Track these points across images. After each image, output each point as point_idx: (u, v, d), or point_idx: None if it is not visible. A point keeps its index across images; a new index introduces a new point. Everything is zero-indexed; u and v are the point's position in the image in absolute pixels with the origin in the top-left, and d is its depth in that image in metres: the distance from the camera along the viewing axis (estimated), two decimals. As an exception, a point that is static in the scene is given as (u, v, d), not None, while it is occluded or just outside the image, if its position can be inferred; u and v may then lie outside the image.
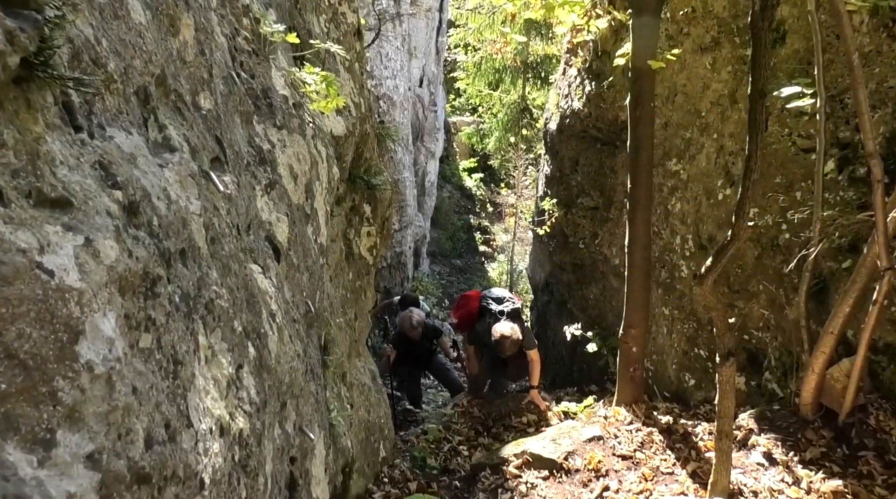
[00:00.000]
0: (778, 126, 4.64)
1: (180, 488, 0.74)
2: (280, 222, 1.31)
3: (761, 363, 5.02)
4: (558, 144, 7.39)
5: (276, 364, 1.07)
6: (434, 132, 15.43)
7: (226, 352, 0.92)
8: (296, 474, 1.12)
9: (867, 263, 3.68)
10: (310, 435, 1.19)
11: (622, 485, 4.33)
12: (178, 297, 0.85)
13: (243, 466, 0.89)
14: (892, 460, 3.81)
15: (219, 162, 1.11)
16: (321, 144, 1.76)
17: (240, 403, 0.93)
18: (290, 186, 1.42)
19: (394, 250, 11.05)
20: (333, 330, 2.96)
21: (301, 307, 1.33)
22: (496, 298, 6.26)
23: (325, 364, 1.71)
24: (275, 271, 1.21)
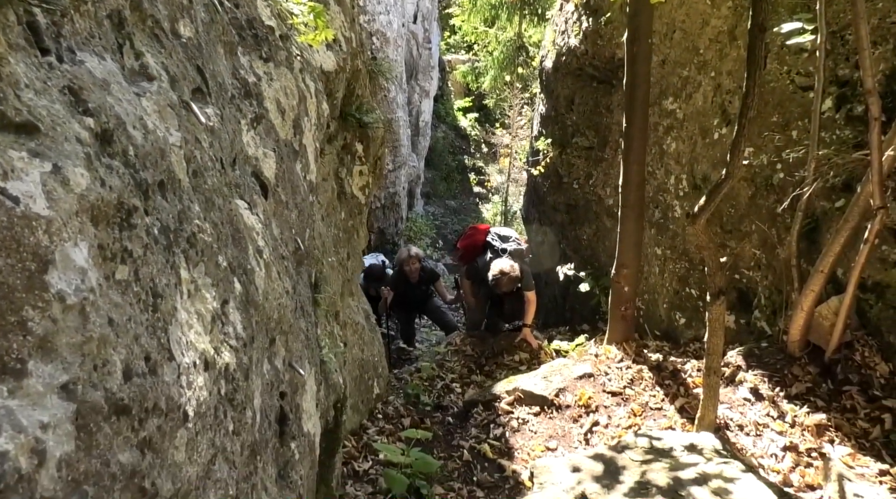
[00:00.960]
0: (777, 63, 4.55)
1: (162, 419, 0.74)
2: (267, 158, 1.28)
3: (751, 302, 5.07)
4: (554, 83, 7.26)
5: (263, 300, 1.06)
6: (428, 70, 15.11)
7: (210, 287, 0.91)
8: (286, 408, 1.13)
9: (860, 203, 3.68)
10: (300, 371, 1.20)
11: (611, 420, 4.44)
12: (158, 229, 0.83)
13: (230, 399, 0.90)
14: (875, 394, 3.90)
15: (200, 93, 1.08)
16: (310, 78, 1.71)
17: (226, 338, 0.93)
18: (278, 120, 1.38)
19: (387, 191, 10.99)
20: (326, 269, 2.96)
21: (290, 244, 1.32)
22: (502, 236, 6.31)
23: (316, 302, 1.72)
24: (262, 208, 1.19)
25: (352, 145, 3.44)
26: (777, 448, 3.88)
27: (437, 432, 4.57)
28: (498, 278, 5.72)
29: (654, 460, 3.65)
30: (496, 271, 5.72)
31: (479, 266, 6.11)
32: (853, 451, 3.67)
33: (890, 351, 3.91)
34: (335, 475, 2.08)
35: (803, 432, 3.92)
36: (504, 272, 5.71)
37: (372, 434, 4.14)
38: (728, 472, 3.41)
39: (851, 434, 3.79)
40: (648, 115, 4.77)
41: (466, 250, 6.58)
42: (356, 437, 4.07)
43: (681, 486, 3.29)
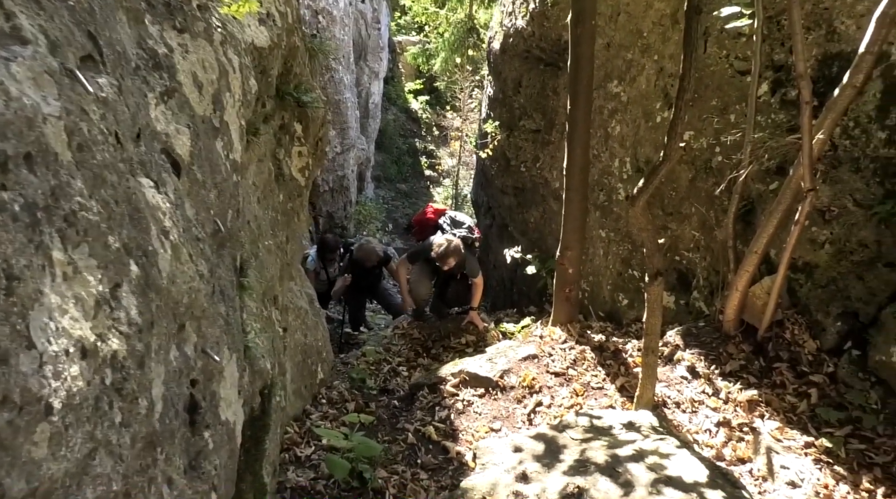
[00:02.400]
0: (716, 48, 4.63)
1: (15, 413, 0.68)
2: (180, 134, 1.21)
3: (690, 283, 5.20)
4: (501, 65, 7.24)
5: (168, 284, 1.01)
6: (378, 51, 14.90)
7: (95, 269, 0.85)
8: (197, 396, 1.09)
9: (792, 185, 3.79)
10: (214, 357, 1.15)
11: (554, 400, 4.50)
12: (19, 206, 0.76)
13: (118, 389, 0.84)
14: (803, 370, 4.05)
15: (92, 61, 1.00)
16: (233, 52, 1.64)
17: (115, 323, 0.87)
18: (194, 95, 1.31)
19: (336, 174, 10.83)
20: (262, 252, 2.89)
21: (208, 226, 1.26)
22: (456, 222, 6.28)
23: (242, 286, 1.66)
24: (173, 186, 1.13)
25: (290, 125, 3.35)
26: (711, 424, 4.00)
27: (382, 415, 4.55)
28: (442, 253, 5.62)
29: (594, 438, 3.71)
30: (439, 242, 5.66)
31: (423, 247, 6.03)
32: (781, 425, 3.81)
33: (818, 329, 4.06)
34: (267, 463, 2.04)
35: (736, 408, 4.04)
36: (449, 242, 5.65)
37: (315, 419, 4.09)
38: (664, 448, 3.49)
39: (780, 409, 3.93)
40: (592, 97, 4.80)
41: (419, 227, 6.62)
42: (299, 422, 4.02)
43: (618, 463, 3.36)
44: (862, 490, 3.36)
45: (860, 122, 3.72)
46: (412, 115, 23.11)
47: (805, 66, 3.24)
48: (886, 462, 3.47)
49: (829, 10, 3.93)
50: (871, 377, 3.74)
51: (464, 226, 6.29)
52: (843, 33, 3.86)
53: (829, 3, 3.92)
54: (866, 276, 3.78)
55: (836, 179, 3.86)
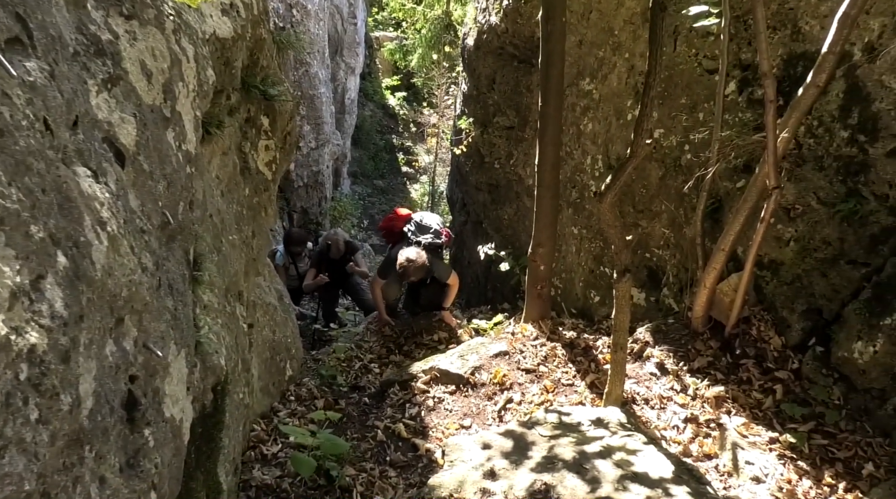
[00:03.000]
0: (686, 46, 4.67)
1: None
2: (125, 123, 1.17)
3: (660, 280, 5.23)
4: (475, 61, 7.22)
5: (104, 276, 0.97)
6: (354, 47, 14.81)
7: (13, 260, 0.81)
8: (137, 392, 1.05)
9: (758, 183, 3.82)
10: (157, 352, 1.12)
11: (524, 397, 4.50)
12: None
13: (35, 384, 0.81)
14: (768, 366, 4.10)
15: (20, 44, 0.96)
16: (188, 41, 1.60)
17: (34, 316, 0.83)
18: (141, 84, 1.27)
19: (310, 169, 10.74)
20: (226, 246, 2.85)
21: (155, 218, 1.22)
22: (422, 226, 6.08)
23: (196, 280, 1.62)
24: (114, 176, 1.09)
25: (256, 119, 3.30)
26: (679, 420, 4.03)
27: (352, 412, 4.52)
28: (405, 267, 5.61)
29: (563, 434, 3.72)
30: (402, 260, 5.63)
31: (391, 260, 5.94)
32: (747, 421, 3.85)
33: (783, 325, 4.11)
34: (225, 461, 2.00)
35: (703, 405, 4.08)
36: (410, 259, 5.60)
37: (283, 417, 4.05)
38: (631, 444, 3.51)
39: (746, 405, 3.98)
40: (563, 94, 4.80)
41: (386, 232, 6.46)
42: (266, 420, 3.97)
43: (586, 459, 3.37)
44: (824, 485, 3.42)
45: (824, 122, 3.77)
46: (389, 111, 23.03)
47: (769, 66, 3.27)
48: (848, 457, 3.52)
49: (794, 10, 3.97)
50: (834, 373, 3.80)
51: (430, 231, 6.12)
52: (807, 33, 3.91)
53: (794, 4, 3.97)
54: (830, 273, 3.84)
55: (801, 177, 3.91)
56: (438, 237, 6.09)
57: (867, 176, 3.58)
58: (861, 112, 3.61)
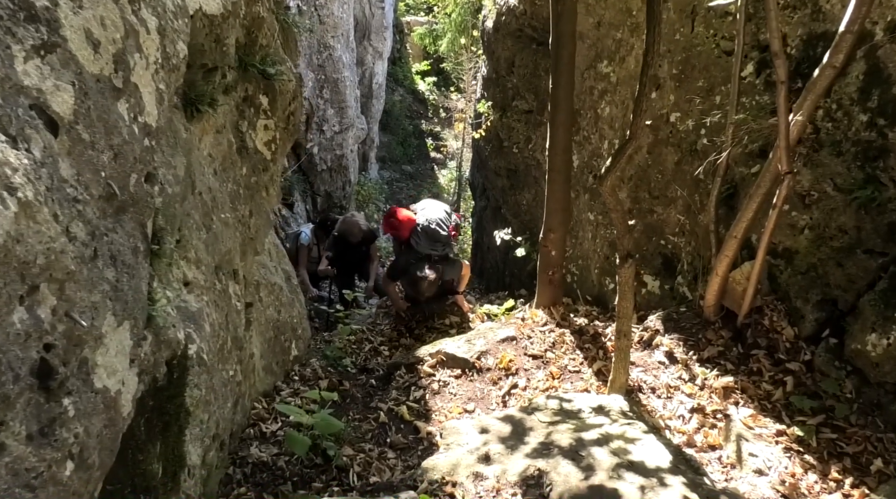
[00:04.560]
0: (703, 27, 4.52)
1: None
2: (60, 91, 1.16)
3: (675, 267, 5.12)
4: (494, 44, 7.12)
5: (11, 243, 0.97)
6: (382, 31, 14.76)
7: None
8: (53, 361, 1.05)
9: (772, 168, 3.70)
10: (81, 322, 1.11)
11: (530, 382, 4.46)
12: None
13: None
14: (780, 357, 3.99)
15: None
16: (150, 12, 1.58)
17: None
18: (84, 52, 1.26)
19: (334, 153, 10.77)
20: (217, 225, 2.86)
21: (95, 188, 1.21)
22: (430, 235, 5.65)
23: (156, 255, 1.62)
24: (41, 144, 1.08)
25: (255, 98, 3.30)
26: (685, 410, 3.95)
27: (356, 394, 4.53)
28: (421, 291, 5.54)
29: (562, 421, 3.67)
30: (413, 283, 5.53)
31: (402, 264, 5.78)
32: (755, 412, 3.75)
33: (796, 316, 3.99)
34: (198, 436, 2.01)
35: (711, 395, 3.99)
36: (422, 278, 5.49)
37: (285, 396, 4.08)
38: (630, 433, 3.45)
39: (756, 396, 3.88)
40: (574, 76, 4.70)
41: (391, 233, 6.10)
42: (268, 398, 4.01)
43: (582, 446, 3.32)
44: (830, 480, 3.31)
45: (842, 105, 3.62)
46: (419, 96, 22.96)
47: (780, 45, 3.14)
48: (857, 452, 3.41)
49: (815, -13, 3.81)
50: (847, 366, 3.68)
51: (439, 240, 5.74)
52: (828, 12, 3.75)
53: (816, -19, 3.80)
54: (845, 262, 3.70)
55: (818, 162, 3.77)
56: (448, 245, 5.84)
57: (886, 162, 3.43)
58: (881, 95, 3.45)
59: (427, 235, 5.68)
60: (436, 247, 5.70)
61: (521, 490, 3.12)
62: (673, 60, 4.78)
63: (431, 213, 5.84)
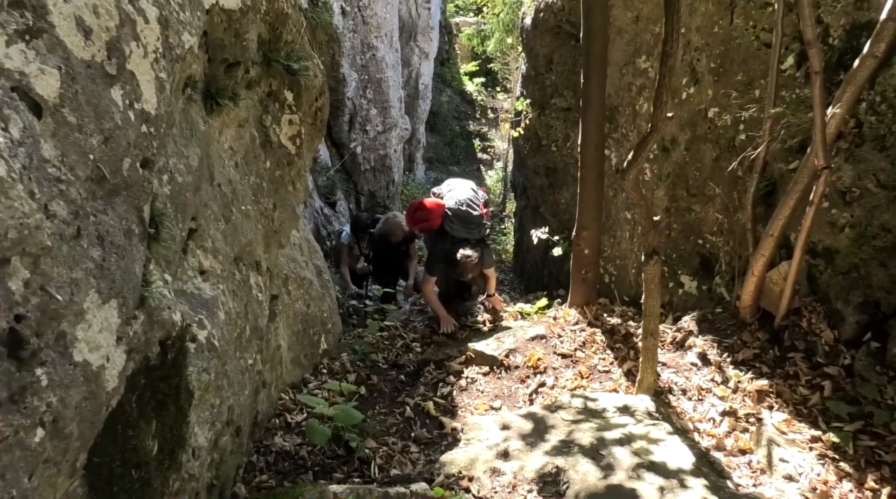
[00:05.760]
0: (742, 19, 4.38)
1: None
2: (45, 75, 1.21)
3: (713, 268, 4.98)
4: (533, 41, 7.07)
5: (-25, 216, 1.02)
6: (428, 31, 14.84)
7: None
8: (25, 332, 1.09)
9: (809, 164, 3.56)
10: (56, 297, 1.16)
11: (558, 381, 4.41)
12: None
13: None
14: (818, 361, 3.83)
15: None
16: (150, 3, 1.63)
17: None
18: (74, 39, 1.31)
19: (377, 153, 10.88)
20: (236, 216, 2.92)
21: (81, 169, 1.26)
22: (463, 218, 5.42)
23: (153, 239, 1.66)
24: (21, 125, 1.13)
25: (279, 93, 3.36)
26: (716, 413, 3.83)
27: (384, 388, 4.56)
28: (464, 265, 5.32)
29: (585, 420, 3.61)
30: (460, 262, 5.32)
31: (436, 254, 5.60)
32: (789, 417, 3.61)
33: (836, 318, 3.82)
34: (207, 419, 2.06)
35: (744, 398, 3.86)
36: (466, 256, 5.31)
37: (312, 388, 4.14)
38: (654, 434, 3.37)
39: (791, 401, 3.73)
40: (606, 70, 4.62)
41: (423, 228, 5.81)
42: (295, 390, 4.08)
43: (603, 445, 3.26)
44: (866, 489, 3.16)
45: (887, 97, 3.44)
46: (467, 97, 22.98)
47: (814, 33, 3.02)
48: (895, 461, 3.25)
49: (858, -25, 3.64)
50: (889, 371, 3.50)
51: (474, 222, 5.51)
52: (872, 1, 3.57)
53: (859, -31, 3.64)
54: (889, 263, 3.52)
55: (860, 157, 3.60)
56: (482, 225, 5.62)
57: (932, 156, 3.26)
58: (928, 86, 3.27)
59: (460, 218, 5.46)
60: (471, 229, 5.49)
61: (538, 487, 3.09)
62: (711, 54, 4.65)
63: (459, 193, 5.65)
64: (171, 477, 1.76)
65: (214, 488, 2.40)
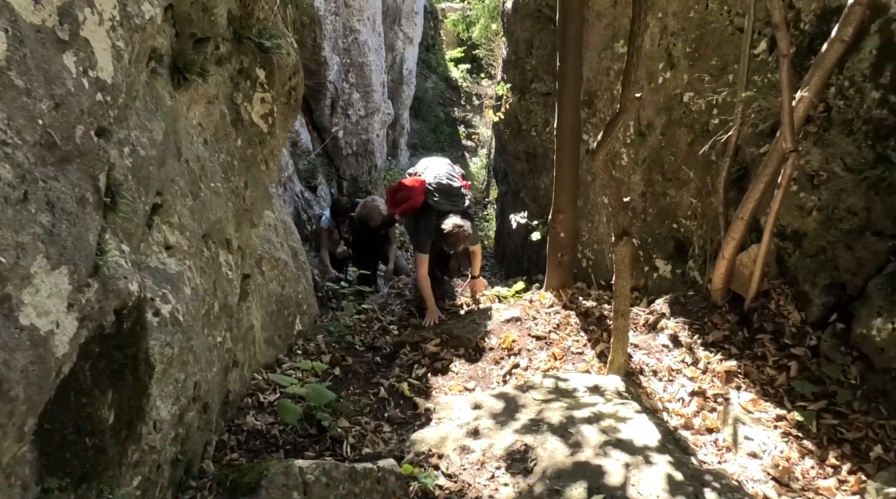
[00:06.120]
0: (717, 4, 4.41)
1: None
2: (-11, 37, 1.21)
3: (688, 252, 5.03)
4: (513, 25, 7.05)
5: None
6: (412, 16, 14.74)
7: None
8: (-32, 294, 1.10)
9: (778, 147, 3.60)
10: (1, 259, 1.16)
11: (532, 363, 4.44)
12: None
13: None
14: (785, 342, 3.90)
15: None
16: (106, -27, 1.62)
17: None
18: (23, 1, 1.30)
19: (359, 138, 10.83)
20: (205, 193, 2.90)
21: (29, 134, 1.25)
22: (445, 191, 5.27)
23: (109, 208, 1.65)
24: (-36, 87, 1.13)
25: (251, 71, 3.33)
26: (685, 393, 3.89)
27: (359, 369, 4.57)
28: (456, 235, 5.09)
29: (555, 399, 3.65)
30: (451, 226, 5.09)
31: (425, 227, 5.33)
32: (756, 397, 3.68)
33: (804, 300, 3.89)
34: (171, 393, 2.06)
35: (713, 379, 3.92)
36: (458, 226, 5.10)
37: (285, 368, 4.14)
38: (622, 412, 3.42)
39: (758, 381, 3.80)
40: (582, 52, 4.63)
41: (405, 215, 5.62)
42: (269, 370, 4.08)
43: (572, 424, 3.30)
44: (827, 465, 3.24)
45: (855, 82, 3.49)
46: (452, 83, 22.87)
47: (781, 15, 3.05)
48: (857, 438, 3.32)
49: (829, -40, 3.67)
50: (853, 352, 3.57)
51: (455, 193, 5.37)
52: (843, -15, 3.60)
53: (831, -46, 3.67)
54: (855, 245, 3.59)
55: (828, 142, 3.65)
56: (464, 197, 5.46)
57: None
58: (895, 70, 3.32)
59: (442, 190, 5.31)
60: (455, 201, 5.34)
61: (506, 464, 3.12)
62: (687, 38, 4.68)
63: (436, 169, 5.51)
64: (130, 448, 1.76)
65: (180, 462, 2.40)
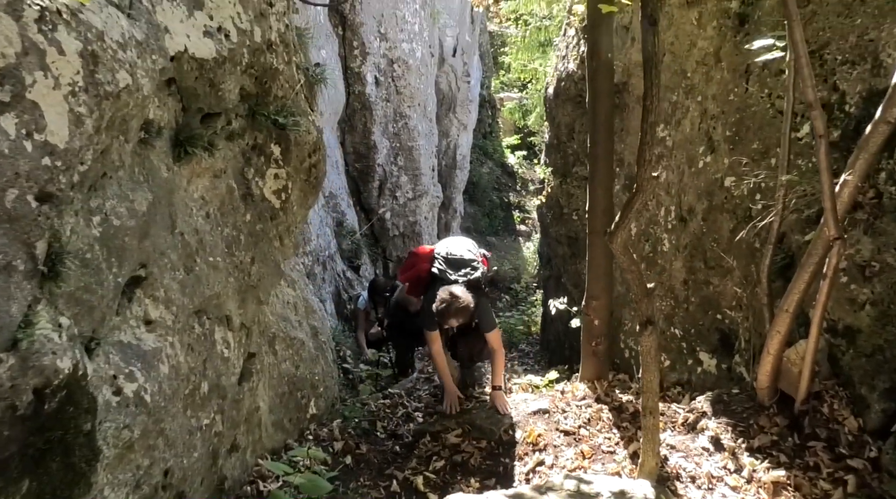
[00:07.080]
0: (757, 87, 4.24)
1: None
2: None
3: (734, 346, 4.66)
4: (555, 110, 7.05)
5: None
6: (466, 104, 15.12)
7: None
8: None
9: (823, 235, 3.31)
10: None
11: (557, 461, 4.11)
12: None
13: None
14: (841, 452, 3.46)
15: None
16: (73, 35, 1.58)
17: None
18: (-42, 63, 1.28)
19: (407, 219, 10.90)
20: (201, 266, 2.84)
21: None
22: (453, 261, 4.84)
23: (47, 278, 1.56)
24: None
25: (265, 147, 3.33)
26: (726, 505, 3.47)
27: (373, 458, 4.33)
28: (446, 304, 4.49)
29: (575, 505, 3.31)
30: (444, 295, 4.53)
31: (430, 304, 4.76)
32: (807, 514, 3.24)
33: (861, 405, 3.47)
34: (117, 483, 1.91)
35: (759, 489, 3.50)
36: (454, 295, 4.50)
37: (293, 455, 3.94)
38: (649, 525, 3.05)
39: (810, 495, 3.35)
40: (613, 134, 4.50)
41: (411, 284, 5.29)
42: (275, 456, 3.88)
43: (589, 535, 2.95)
44: None
45: (907, 166, 3.22)
46: (508, 169, 23.17)
47: (815, 94, 2.85)
48: (926, 571, 2.84)
49: (874, 41, 3.49)
50: (920, 467, 3.12)
51: (467, 262, 4.91)
52: (889, 67, 3.40)
53: (875, 35, 3.49)
54: (917, 345, 3.20)
55: (880, 230, 3.34)
56: (476, 269, 4.91)
57: (957, 229, 2.99)
58: (950, 154, 3.04)
59: (449, 260, 4.89)
60: (464, 272, 4.85)
61: (510, 578, 2.79)
62: (727, 122, 4.50)
63: (453, 243, 5.18)
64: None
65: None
